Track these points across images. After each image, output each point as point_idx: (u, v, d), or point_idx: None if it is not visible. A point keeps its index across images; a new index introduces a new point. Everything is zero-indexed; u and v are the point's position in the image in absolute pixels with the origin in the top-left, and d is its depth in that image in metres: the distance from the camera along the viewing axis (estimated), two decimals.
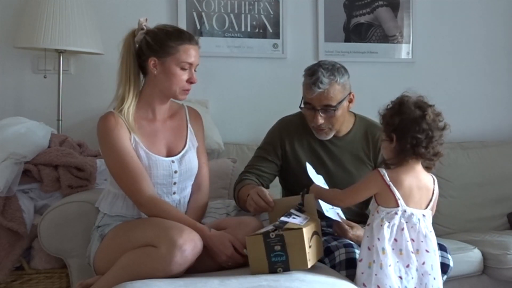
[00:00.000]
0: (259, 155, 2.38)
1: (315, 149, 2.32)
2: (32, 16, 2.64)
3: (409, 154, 1.83)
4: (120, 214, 2.02)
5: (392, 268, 1.79)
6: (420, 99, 1.87)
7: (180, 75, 2.00)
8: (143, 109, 2.06)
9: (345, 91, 2.23)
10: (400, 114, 1.83)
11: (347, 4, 3.28)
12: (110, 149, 1.97)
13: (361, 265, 1.83)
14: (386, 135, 1.86)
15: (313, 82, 2.18)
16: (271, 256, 1.75)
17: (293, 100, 2.96)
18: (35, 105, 2.87)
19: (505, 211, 3.13)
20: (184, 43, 2.00)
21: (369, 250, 1.82)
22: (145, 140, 2.02)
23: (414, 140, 1.81)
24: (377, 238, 1.80)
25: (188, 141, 2.12)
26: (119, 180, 1.98)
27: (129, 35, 2.06)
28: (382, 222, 1.81)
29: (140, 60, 2.03)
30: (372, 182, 1.85)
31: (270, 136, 2.41)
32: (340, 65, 2.26)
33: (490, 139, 3.39)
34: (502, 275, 2.63)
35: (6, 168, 2.29)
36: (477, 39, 3.47)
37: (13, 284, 2.30)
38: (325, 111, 2.21)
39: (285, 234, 1.74)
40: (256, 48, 3.15)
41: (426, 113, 1.83)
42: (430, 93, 3.67)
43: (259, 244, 1.76)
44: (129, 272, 1.75)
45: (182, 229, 1.79)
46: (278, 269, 1.76)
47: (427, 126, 1.83)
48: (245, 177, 2.29)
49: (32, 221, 2.34)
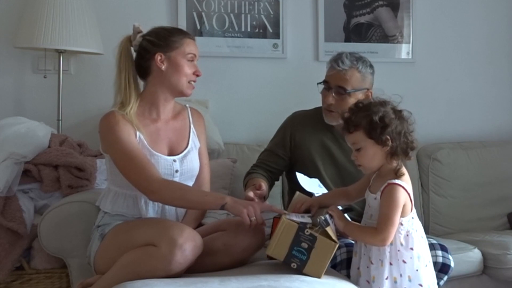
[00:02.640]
0: (269, 149, 2.45)
1: (326, 144, 2.36)
2: (32, 16, 2.64)
3: (404, 153, 1.80)
4: (120, 213, 2.02)
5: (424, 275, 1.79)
6: (383, 98, 1.85)
7: (187, 67, 2.04)
8: (146, 109, 2.07)
9: (363, 83, 2.28)
10: (389, 115, 1.78)
11: (347, 4, 3.28)
12: (115, 142, 1.97)
13: (388, 283, 1.77)
14: (378, 140, 1.78)
15: (335, 59, 2.28)
16: (294, 249, 1.72)
17: (293, 100, 2.97)
18: (35, 105, 2.88)
19: (505, 211, 3.13)
20: (185, 37, 2.07)
21: (392, 265, 1.78)
22: (148, 138, 2.03)
23: (408, 137, 1.80)
24: (410, 248, 1.77)
25: (190, 142, 2.13)
26: (127, 171, 1.95)
27: (124, 40, 2.07)
28: (409, 232, 1.79)
29: (143, 60, 2.04)
30: (401, 199, 1.76)
31: (281, 128, 2.48)
32: (368, 60, 2.33)
33: (490, 139, 3.38)
34: (502, 275, 2.63)
35: (6, 168, 2.29)
36: (477, 39, 3.47)
37: (13, 284, 2.30)
38: (338, 93, 2.27)
39: (318, 238, 1.71)
40: (256, 48, 3.15)
41: (400, 110, 1.82)
42: (430, 93, 3.67)
43: (290, 231, 1.72)
44: (130, 271, 1.75)
45: (182, 228, 1.78)
46: (292, 264, 1.74)
47: (409, 121, 1.83)
48: (253, 170, 2.37)
49: (32, 221, 2.34)
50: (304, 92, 3.08)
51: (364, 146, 1.80)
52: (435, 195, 3.05)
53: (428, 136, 3.29)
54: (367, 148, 1.80)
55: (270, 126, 2.55)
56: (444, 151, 3.12)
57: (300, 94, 3.06)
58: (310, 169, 2.32)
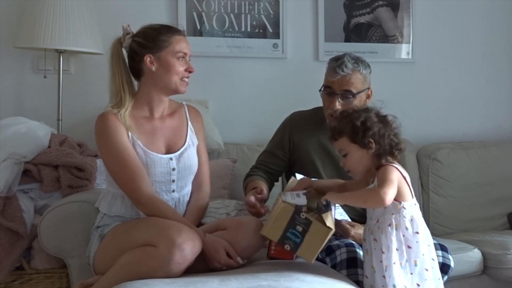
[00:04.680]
0: (268, 150, 2.45)
1: (325, 145, 2.36)
2: (32, 16, 2.64)
3: (390, 153, 1.84)
4: (119, 214, 2.02)
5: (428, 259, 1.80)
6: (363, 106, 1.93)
7: (178, 65, 2.03)
8: (140, 108, 2.07)
9: (365, 84, 2.30)
10: (370, 119, 1.84)
11: (347, 4, 3.28)
12: (108, 147, 1.98)
13: (396, 268, 1.76)
14: (361, 144, 1.83)
15: (338, 65, 2.25)
16: (289, 231, 1.73)
17: (293, 100, 2.97)
18: (35, 105, 2.88)
19: (505, 211, 3.13)
20: (174, 34, 2.05)
21: (398, 250, 1.77)
22: (143, 138, 2.03)
23: (393, 138, 1.84)
24: (416, 232, 1.77)
25: (188, 139, 2.13)
26: (117, 178, 1.98)
27: (115, 43, 2.07)
28: (412, 216, 1.79)
29: (134, 62, 2.05)
30: (394, 174, 1.78)
31: (280, 129, 2.48)
32: (365, 60, 2.33)
33: (490, 139, 3.39)
34: (502, 275, 2.63)
35: (6, 168, 2.29)
36: (477, 39, 3.47)
37: (13, 284, 2.30)
38: (344, 97, 2.26)
39: (313, 223, 1.72)
40: (256, 48, 3.15)
41: (384, 115, 1.88)
42: (430, 93, 3.66)
43: (286, 214, 1.74)
44: (129, 271, 1.75)
45: (181, 228, 1.78)
46: (286, 245, 1.75)
47: (393, 125, 1.87)
48: (252, 172, 2.38)
49: (32, 221, 2.34)
50: (304, 92, 3.08)
51: (350, 151, 1.86)
52: (435, 195, 3.05)
53: (428, 136, 3.29)
54: (352, 153, 1.85)
55: (270, 126, 2.54)
56: (444, 151, 3.12)
57: (300, 94, 3.06)
58: (309, 169, 2.32)
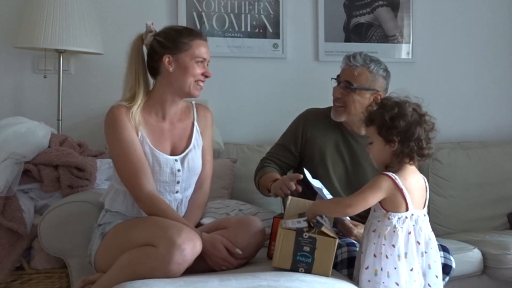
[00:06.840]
0: (281, 143, 2.45)
1: (339, 143, 2.36)
2: (32, 16, 2.64)
3: (409, 156, 1.81)
4: (120, 211, 2.03)
5: (403, 274, 1.77)
6: (407, 99, 1.87)
7: (195, 69, 2.04)
8: (153, 108, 2.07)
9: (372, 83, 2.29)
10: (402, 117, 1.81)
11: (347, 4, 3.27)
12: (116, 138, 1.98)
13: (367, 273, 1.78)
14: (386, 139, 1.82)
15: (348, 56, 2.31)
16: (298, 254, 1.75)
17: (293, 100, 2.97)
18: (35, 105, 2.88)
19: (505, 211, 3.13)
20: (196, 38, 2.06)
21: (375, 257, 1.78)
22: (151, 137, 2.03)
23: (418, 142, 1.81)
24: (392, 245, 1.77)
25: (192, 140, 2.13)
26: (120, 171, 1.99)
27: (137, 39, 2.08)
28: (395, 228, 1.78)
29: (153, 60, 2.05)
30: (383, 186, 1.78)
31: (293, 124, 2.47)
32: (384, 64, 2.35)
33: (490, 139, 3.38)
34: (502, 275, 2.63)
35: (6, 168, 2.29)
36: (477, 39, 3.47)
37: (13, 284, 2.30)
38: (345, 87, 2.29)
39: (318, 239, 1.73)
40: (256, 48, 3.15)
41: (424, 115, 1.84)
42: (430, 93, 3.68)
43: (289, 239, 1.75)
44: (129, 271, 1.75)
45: (181, 229, 1.78)
46: (300, 268, 1.76)
47: (427, 128, 1.84)
48: (266, 164, 2.37)
49: (32, 221, 2.34)
50: (304, 92, 3.09)
51: (374, 141, 1.87)
52: (435, 195, 3.05)
53: None
54: (375, 144, 1.87)
55: (270, 126, 2.55)
56: (444, 151, 3.12)
57: (300, 94, 3.06)
58: (319, 167, 2.32)
